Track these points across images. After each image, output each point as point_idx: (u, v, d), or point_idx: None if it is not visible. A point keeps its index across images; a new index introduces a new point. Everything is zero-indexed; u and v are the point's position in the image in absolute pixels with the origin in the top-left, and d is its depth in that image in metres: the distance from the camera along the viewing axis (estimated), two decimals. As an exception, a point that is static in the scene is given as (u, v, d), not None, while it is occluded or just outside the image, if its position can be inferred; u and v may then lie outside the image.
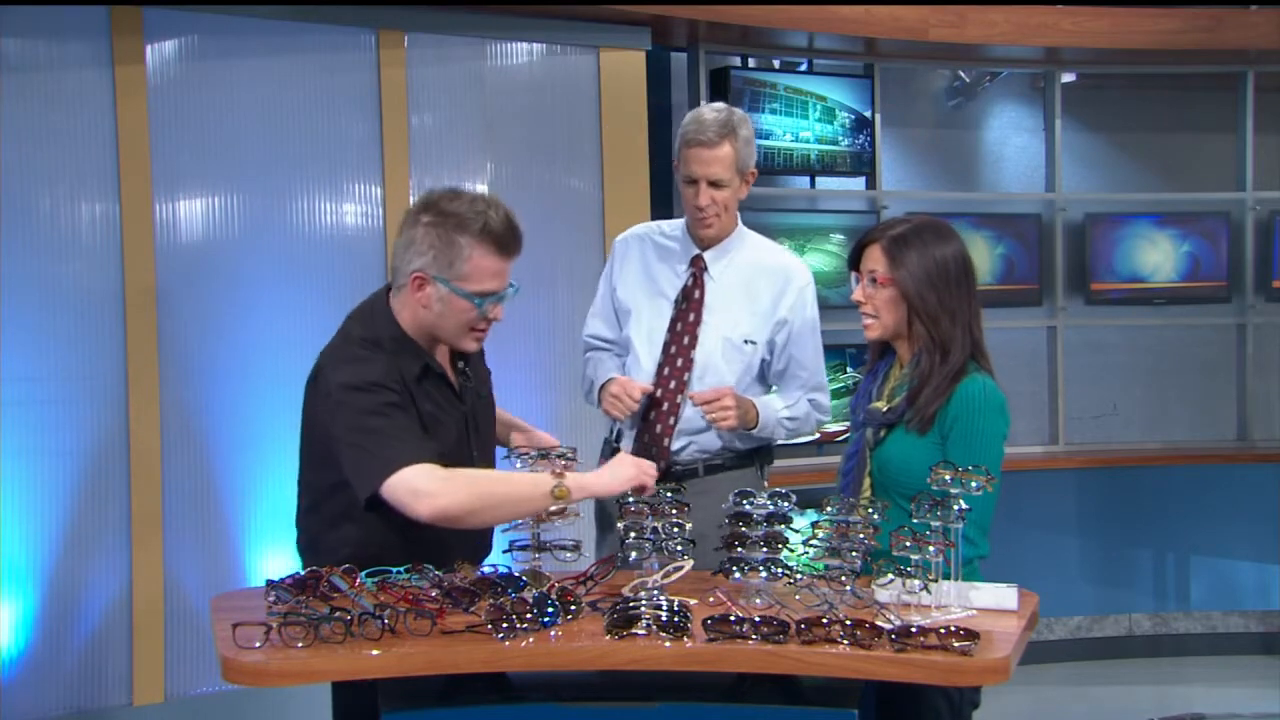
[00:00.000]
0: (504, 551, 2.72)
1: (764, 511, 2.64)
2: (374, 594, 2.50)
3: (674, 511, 2.69)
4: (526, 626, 2.34)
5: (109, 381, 4.18)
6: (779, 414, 3.37)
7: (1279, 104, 6.02)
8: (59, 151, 4.11)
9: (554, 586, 2.55)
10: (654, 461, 3.21)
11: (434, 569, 2.59)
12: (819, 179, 5.64)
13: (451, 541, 2.66)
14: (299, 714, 3.82)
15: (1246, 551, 6.02)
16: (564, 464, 2.74)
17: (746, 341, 3.34)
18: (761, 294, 3.37)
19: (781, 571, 2.55)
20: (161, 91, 4.23)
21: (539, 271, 4.63)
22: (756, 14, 5.00)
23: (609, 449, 3.42)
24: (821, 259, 5.46)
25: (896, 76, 5.80)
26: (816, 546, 2.55)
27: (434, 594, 2.46)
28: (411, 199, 4.58)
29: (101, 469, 4.16)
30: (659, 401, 3.31)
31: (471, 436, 2.84)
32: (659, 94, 5.29)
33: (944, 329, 2.76)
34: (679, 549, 2.64)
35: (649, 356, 3.36)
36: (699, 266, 3.37)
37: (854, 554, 2.52)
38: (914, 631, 2.23)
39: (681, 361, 3.33)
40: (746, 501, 2.66)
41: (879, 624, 2.28)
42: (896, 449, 2.79)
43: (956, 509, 2.49)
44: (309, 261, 4.47)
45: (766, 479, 3.45)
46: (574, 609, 2.45)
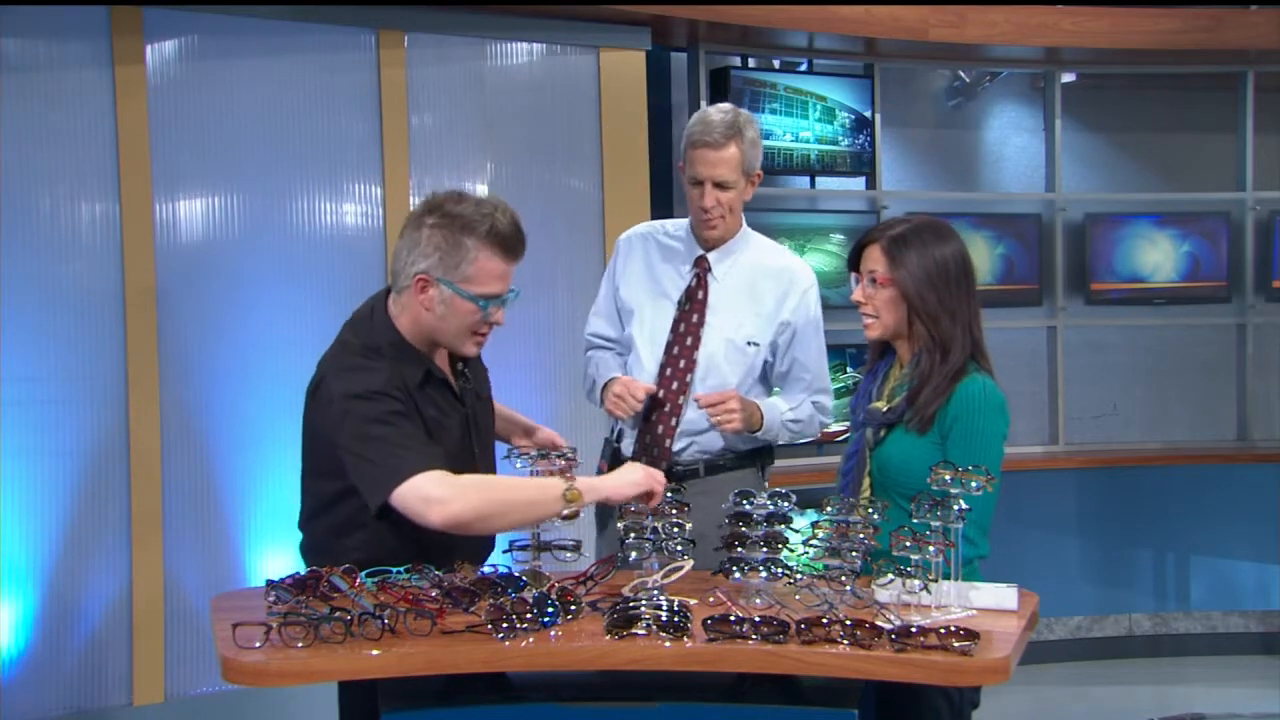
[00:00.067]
0: (504, 551, 2.71)
1: (764, 511, 2.65)
2: (374, 594, 2.49)
3: (674, 511, 2.69)
4: (526, 626, 2.34)
5: (109, 381, 4.18)
6: (783, 416, 3.36)
7: (1279, 104, 6.02)
8: (59, 151, 4.11)
9: (554, 586, 2.55)
10: (656, 461, 3.23)
11: (434, 569, 2.59)
12: (819, 179, 5.64)
13: (458, 545, 2.66)
14: (299, 714, 3.82)
15: (1246, 551, 6.02)
16: (564, 463, 2.75)
17: (749, 343, 3.33)
18: (765, 296, 3.36)
19: (781, 571, 2.55)
20: (161, 91, 4.23)
21: (539, 271, 4.62)
22: (756, 14, 5.00)
23: (609, 449, 3.41)
24: (821, 259, 5.46)
25: (896, 76, 5.80)
26: (816, 546, 2.55)
27: (434, 594, 2.46)
28: (411, 199, 4.58)
29: (101, 469, 4.16)
30: (661, 402, 3.30)
31: (473, 437, 2.83)
32: (659, 94, 5.29)
33: (944, 328, 2.76)
34: (679, 549, 2.64)
35: (651, 356, 3.35)
36: (703, 267, 3.36)
37: (854, 554, 2.52)
38: (914, 631, 2.23)
39: (684, 362, 3.32)
40: (746, 501, 2.67)
41: (879, 624, 2.27)
42: (896, 449, 2.78)
43: (956, 509, 2.48)
44: (309, 261, 4.47)
45: (767, 479, 3.44)
46: (574, 609, 2.45)
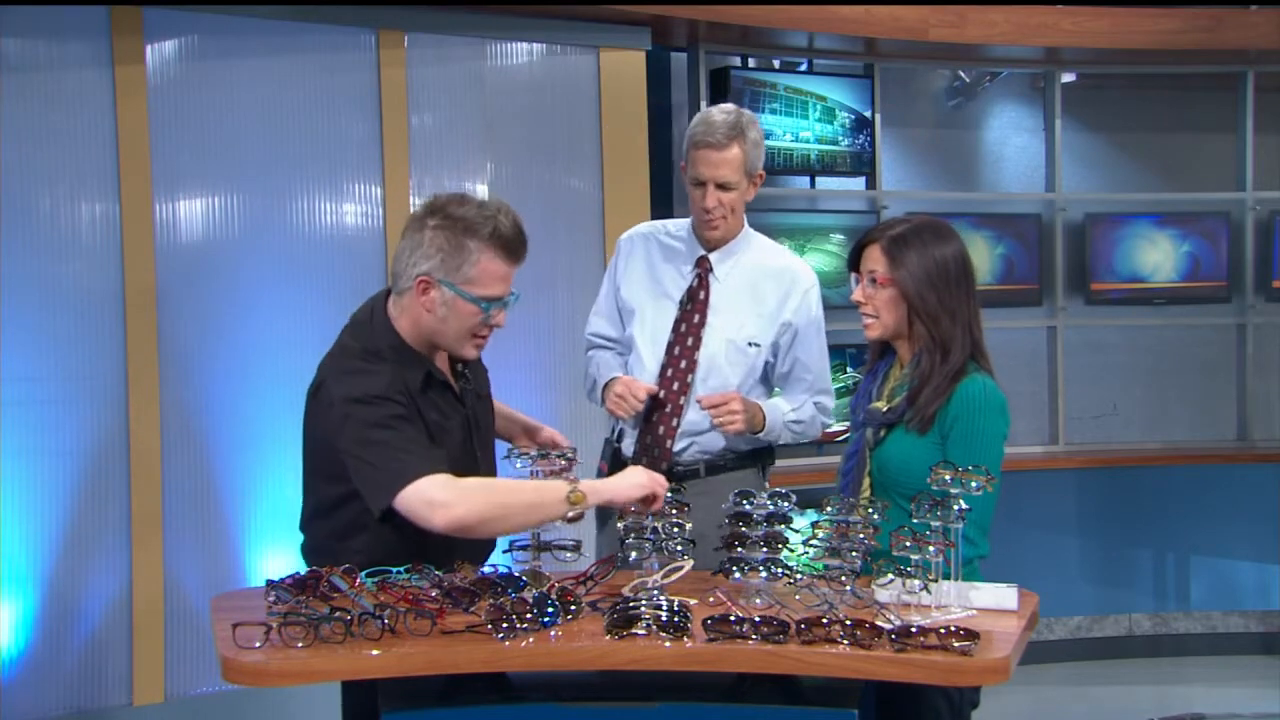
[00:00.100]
0: (504, 551, 2.71)
1: (764, 511, 2.65)
2: (374, 594, 2.50)
3: (674, 511, 2.69)
4: (526, 626, 2.34)
5: (109, 381, 4.18)
6: (786, 417, 3.35)
7: (1279, 104, 6.02)
8: (59, 151, 4.11)
9: (554, 586, 2.55)
10: (656, 461, 3.23)
11: (434, 569, 2.59)
12: (819, 179, 5.64)
13: (459, 546, 2.65)
14: (299, 714, 3.82)
15: (1246, 551, 6.02)
16: (564, 463, 2.75)
17: (751, 344, 3.33)
18: (767, 296, 3.35)
19: (781, 571, 2.55)
20: (161, 91, 4.23)
21: (539, 271, 4.62)
22: (756, 14, 4.99)
23: (610, 449, 3.41)
24: (821, 259, 5.46)
25: (896, 76, 5.79)
26: (816, 546, 2.55)
27: (434, 594, 2.46)
28: (411, 199, 4.58)
29: (101, 469, 4.16)
30: (662, 402, 3.29)
31: (474, 437, 2.83)
32: (659, 94, 5.29)
33: (944, 328, 2.76)
34: (679, 549, 2.64)
35: (652, 357, 3.34)
36: (704, 268, 3.36)
37: (854, 554, 2.52)
38: (914, 631, 2.23)
39: (685, 363, 3.31)
40: (746, 501, 2.67)
41: (879, 624, 2.27)
42: (896, 449, 2.78)
43: (956, 509, 2.48)
44: (309, 261, 4.47)
45: (768, 480, 3.43)
46: (574, 609, 2.45)
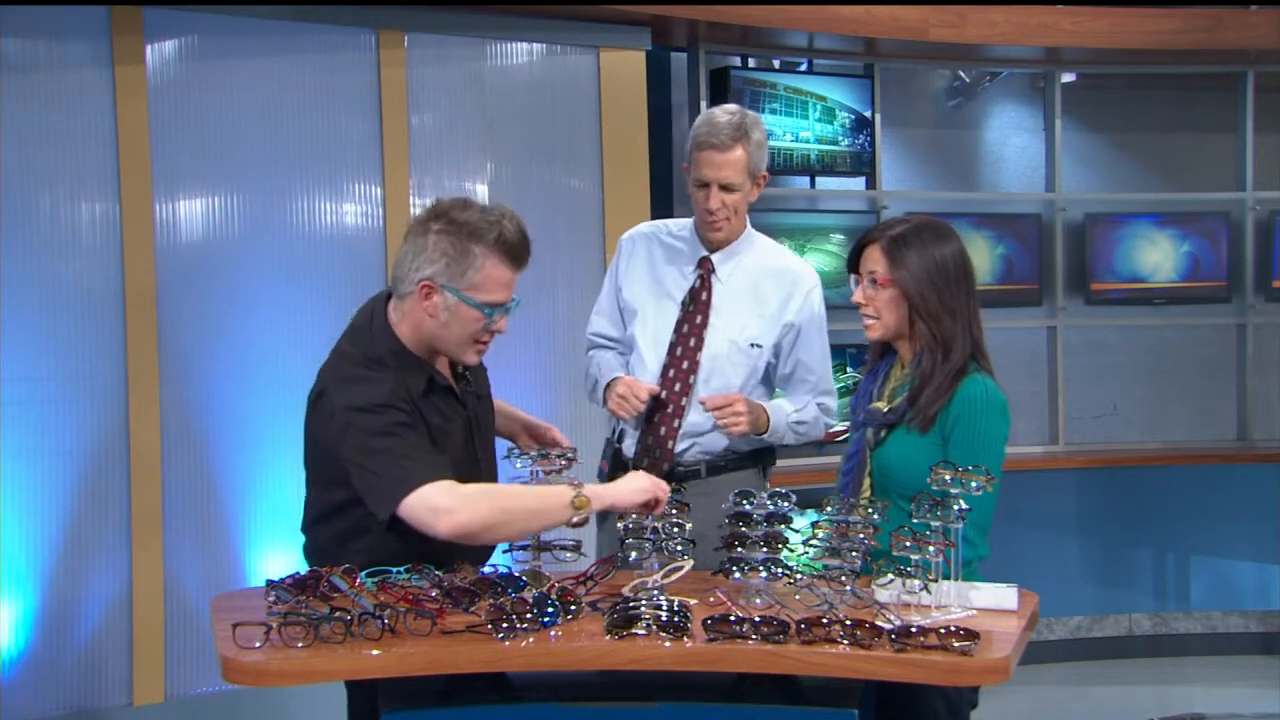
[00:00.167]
0: (504, 552, 2.71)
1: (764, 511, 2.65)
2: (374, 594, 2.50)
3: (674, 511, 2.69)
4: (526, 626, 2.34)
5: (109, 381, 4.18)
6: (789, 418, 3.34)
7: (1279, 104, 6.02)
8: (59, 151, 4.11)
9: (554, 586, 2.55)
10: (658, 462, 3.23)
11: (434, 569, 2.59)
12: (819, 179, 5.64)
13: (460, 547, 2.64)
14: (299, 714, 3.83)
15: (1246, 551, 6.01)
16: (564, 463, 2.75)
17: (753, 345, 3.32)
18: (769, 297, 3.35)
19: (781, 571, 2.55)
20: (161, 91, 4.23)
21: (539, 272, 4.56)
22: (756, 14, 4.99)
23: (610, 449, 3.41)
24: (821, 259, 5.46)
25: (896, 76, 5.79)
26: (816, 546, 2.55)
27: (434, 594, 2.46)
28: (411, 199, 4.58)
29: (101, 469, 4.16)
30: (664, 403, 3.29)
31: (475, 439, 2.83)
32: (659, 94, 5.29)
33: (945, 328, 2.76)
34: (679, 549, 2.64)
35: (654, 357, 3.34)
36: (706, 268, 3.35)
37: (854, 554, 2.52)
38: (914, 631, 2.23)
39: (687, 364, 3.31)
40: (746, 501, 2.67)
41: (879, 624, 2.27)
42: (897, 449, 2.78)
43: (956, 509, 2.48)
44: (309, 262, 4.46)
45: (769, 480, 3.43)
46: (574, 609, 2.45)
